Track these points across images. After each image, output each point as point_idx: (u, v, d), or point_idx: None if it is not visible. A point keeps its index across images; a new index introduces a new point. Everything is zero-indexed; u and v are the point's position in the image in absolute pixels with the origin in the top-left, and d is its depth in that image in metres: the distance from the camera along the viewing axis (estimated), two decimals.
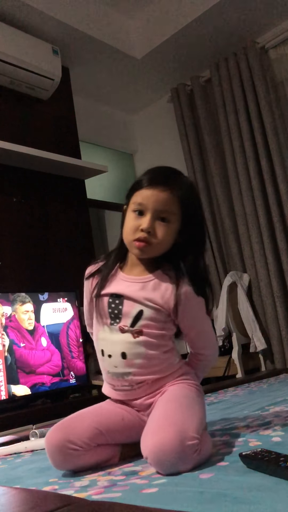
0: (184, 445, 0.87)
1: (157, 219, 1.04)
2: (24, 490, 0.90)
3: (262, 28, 3.16)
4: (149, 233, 1.03)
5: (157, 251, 1.07)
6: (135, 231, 1.05)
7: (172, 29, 3.08)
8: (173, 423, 0.92)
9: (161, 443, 0.88)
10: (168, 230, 1.05)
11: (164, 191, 1.04)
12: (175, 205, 1.04)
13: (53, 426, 1.03)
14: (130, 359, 1.07)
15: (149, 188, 1.04)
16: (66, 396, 2.35)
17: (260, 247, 3.04)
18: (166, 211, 1.04)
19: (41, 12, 2.70)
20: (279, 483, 0.71)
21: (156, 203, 1.03)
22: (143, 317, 1.06)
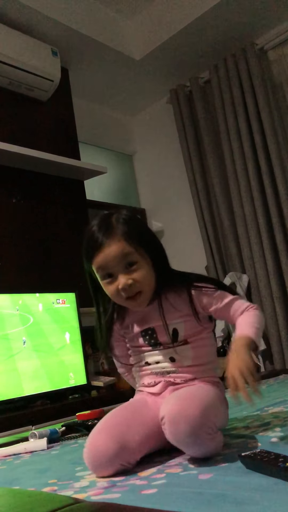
0: (204, 422, 0.90)
1: (126, 269, 1.05)
2: (24, 491, 0.90)
3: (261, 29, 3.16)
4: (130, 286, 1.04)
5: (149, 290, 1.08)
6: (118, 293, 1.06)
7: (171, 31, 3.09)
8: (200, 399, 0.95)
9: (183, 408, 0.91)
10: (142, 271, 1.05)
11: (110, 245, 1.04)
12: (127, 246, 1.04)
13: (100, 429, 0.99)
14: (179, 361, 1.11)
15: (98, 252, 1.05)
16: (66, 397, 2.34)
17: (259, 248, 3.05)
18: (125, 257, 1.04)
19: (41, 13, 2.70)
20: (278, 483, 0.71)
21: (113, 260, 1.04)
22: (180, 333, 1.11)
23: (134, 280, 1.04)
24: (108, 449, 0.93)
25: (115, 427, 0.99)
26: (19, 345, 2.25)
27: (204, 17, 2.95)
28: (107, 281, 1.07)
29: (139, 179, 4.03)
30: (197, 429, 0.89)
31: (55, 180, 2.95)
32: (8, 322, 2.24)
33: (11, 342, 2.23)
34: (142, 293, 1.06)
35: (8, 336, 2.22)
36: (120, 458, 0.93)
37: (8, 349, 2.21)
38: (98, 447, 0.95)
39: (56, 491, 0.88)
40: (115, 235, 1.05)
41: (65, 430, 1.55)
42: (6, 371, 2.17)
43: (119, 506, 0.71)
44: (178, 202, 3.69)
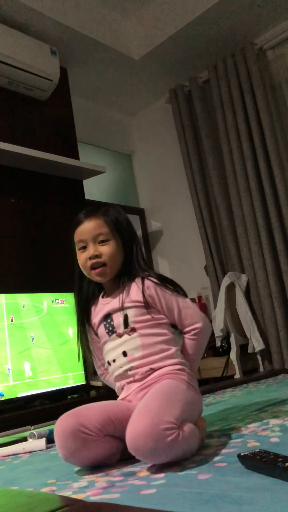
0: (157, 428, 0.90)
1: (98, 244, 1.20)
2: (22, 491, 0.90)
3: (260, 29, 3.16)
4: (96, 257, 1.19)
5: (113, 268, 1.21)
6: (86, 262, 1.20)
7: (170, 30, 3.09)
8: (148, 410, 0.96)
9: (135, 430, 0.93)
10: (111, 247, 1.20)
11: (90, 220, 1.21)
12: (105, 226, 1.20)
13: (63, 415, 1.06)
14: (130, 355, 1.17)
15: (79, 225, 1.22)
16: (64, 397, 2.34)
17: (258, 248, 3.05)
18: (100, 234, 1.20)
19: (40, 13, 2.70)
20: (277, 483, 0.71)
21: (89, 233, 1.20)
22: (129, 318, 1.19)
23: (101, 252, 1.19)
24: (67, 423, 1.01)
25: (75, 410, 1.08)
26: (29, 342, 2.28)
27: (203, 17, 2.95)
28: (81, 251, 1.22)
29: (138, 179, 4.03)
30: (156, 441, 0.89)
31: (54, 180, 2.95)
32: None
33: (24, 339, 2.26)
34: (106, 266, 1.19)
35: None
36: (79, 427, 1.00)
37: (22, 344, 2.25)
38: (58, 425, 1.03)
39: (54, 491, 0.88)
40: (96, 214, 1.22)
41: None
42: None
43: (118, 506, 0.71)
44: (177, 202, 3.69)
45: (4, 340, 2.22)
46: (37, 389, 2.27)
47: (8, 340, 2.23)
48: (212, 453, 0.98)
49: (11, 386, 2.19)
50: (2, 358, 2.19)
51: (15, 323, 2.29)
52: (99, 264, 1.19)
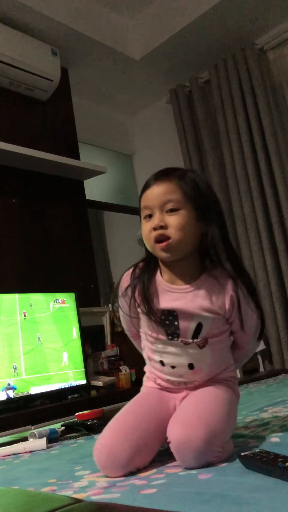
0: (210, 449, 0.89)
1: (165, 213, 0.99)
2: (23, 491, 0.90)
3: (261, 29, 3.16)
4: (162, 228, 0.98)
5: (182, 245, 0.99)
6: (150, 233, 1.00)
7: (171, 31, 3.09)
8: (205, 422, 0.91)
9: (188, 439, 0.89)
10: (180, 218, 0.98)
11: (160, 184, 1.00)
12: (177, 192, 0.99)
13: (111, 433, 0.97)
14: (198, 369, 1.04)
15: (146, 189, 1.02)
16: (65, 396, 2.35)
17: (259, 248, 3.05)
18: (169, 200, 0.98)
19: (40, 13, 2.70)
20: (277, 483, 0.71)
21: (156, 198, 0.99)
22: (203, 329, 1.02)
23: (167, 224, 0.98)
24: (123, 453, 0.92)
25: (131, 430, 0.97)
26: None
27: (204, 17, 2.95)
28: (146, 220, 1.01)
29: (139, 179, 4.02)
30: (203, 456, 0.89)
31: (54, 180, 2.95)
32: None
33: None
34: (171, 241, 0.98)
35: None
36: (134, 464, 0.93)
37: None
38: (113, 450, 0.93)
39: (55, 491, 0.88)
40: (169, 177, 1.01)
41: (64, 430, 1.55)
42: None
43: (118, 506, 0.71)
44: None
45: (17, 335, 2.24)
46: (49, 383, 2.30)
47: (21, 335, 2.26)
48: None
49: (23, 379, 2.21)
50: (15, 352, 2.21)
51: (28, 318, 2.33)
52: (164, 237, 0.98)
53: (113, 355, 2.67)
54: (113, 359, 2.65)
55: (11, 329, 2.23)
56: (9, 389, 2.14)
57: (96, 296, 2.96)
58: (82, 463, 1.09)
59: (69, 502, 0.73)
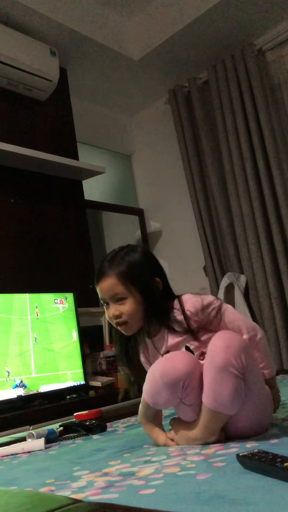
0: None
1: (116, 302, 1.21)
2: (21, 491, 0.90)
3: (259, 30, 3.17)
4: (117, 317, 1.21)
5: (136, 322, 1.22)
6: (111, 319, 1.24)
7: (169, 31, 3.09)
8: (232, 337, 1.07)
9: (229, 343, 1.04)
10: (128, 305, 1.20)
11: (103, 281, 1.22)
12: (119, 285, 1.20)
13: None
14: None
15: (98, 284, 1.24)
16: (63, 397, 2.34)
17: (257, 248, 3.05)
18: (116, 294, 1.21)
19: (39, 13, 2.70)
20: (275, 484, 0.71)
21: (105, 294, 1.23)
22: (192, 348, 1.19)
23: (121, 312, 1.21)
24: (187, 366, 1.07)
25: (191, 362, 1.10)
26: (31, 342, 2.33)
27: (202, 17, 2.95)
28: (105, 307, 1.26)
29: (138, 179, 4.03)
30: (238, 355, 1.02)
31: (53, 180, 2.95)
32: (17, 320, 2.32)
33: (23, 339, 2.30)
34: (128, 324, 1.22)
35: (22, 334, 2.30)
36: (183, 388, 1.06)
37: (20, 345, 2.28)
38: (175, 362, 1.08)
39: (53, 491, 0.87)
40: (112, 271, 1.21)
41: (62, 430, 1.55)
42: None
43: (116, 506, 0.71)
44: (176, 203, 3.69)
45: (28, 333, 2.29)
46: (59, 382, 2.34)
47: (32, 334, 2.31)
48: (211, 453, 0.98)
49: (33, 378, 2.24)
50: (26, 351, 2.25)
51: (40, 318, 2.38)
52: (121, 322, 1.22)
53: (111, 355, 2.67)
54: (112, 360, 2.65)
55: (22, 328, 2.28)
56: (20, 386, 2.18)
57: (94, 296, 2.95)
58: (80, 464, 1.09)
59: (67, 503, 0.73)
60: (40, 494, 0.85)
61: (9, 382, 2.15)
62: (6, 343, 2.20)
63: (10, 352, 2.20)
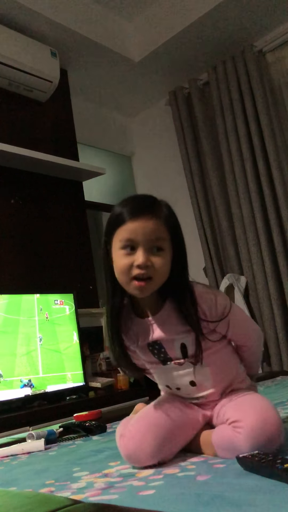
0: (280, 427, 0.90)
1: (150, 251, 0.95)
2: (21, 492, 0.90)
3: (260, 31, 3.17)
4: (147, 268, 0.94)
5: (158, 284, 0.98)
6: (130, 269, 0.95)
7: (170, 32, 3.09)
8: (270, 407, 0.94)
9: (266, 418, 0.90)
10: (165, 260, 0.96)
11: (150, 219, 0.96)
12: (165, 231, 0.97)
13: (119, 435, 1.01)
14: (200, 384, 1.05)
15: (134, 220, 0.96)
16: (63, 398, 2.34)
17: (257, 250, 3.05)
18: (159, 239, 0.96)
19: (40, 14, 2.71)
20: (275, 485, 0.71)
21: (146, 234, 0.95)
22: (189, 347, 1.03)
23: (153, 263, 0.95)
24: (151, 443, 0.96)
25: (158, 422, 1.00)
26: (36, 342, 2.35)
27: (203, 19, 2.95)
28: (125, 252, 0.95)
29: (138, 181, 4.03)
30: (277, 439, 0.89)
31: (53, 181, 2.95)
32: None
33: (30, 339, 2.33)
34: (152, 281, 0.96)
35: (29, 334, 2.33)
36: (160, 455, 0.97)
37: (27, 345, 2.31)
38: (141, 441, 0.97)
39: (53, 492, 0.88)
40: (158, 213, 0.98)
41: (62, 431, 1.55)
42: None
43: (116, 507, 0.71)
44: (176, 204, 3.64)
45: (35, 334, 2.33)
46: (64, 383, 2.37)
47: (39, 335, 2.34)
48: (211, 454, 0.98)
49: (40, 378, 2.27)
50: (33, 351, 2.29)
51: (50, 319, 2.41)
52: (145, 276, 0.95)
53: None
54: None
55: (30, 329, 2.31)
56: (28, 386, 2.21)
57: (94, 297, 2.96)
58: (80, 464, 1.09)
59: (67, 503, 0.73)
60: (40, 495, 0.85)
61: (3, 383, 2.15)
62: (14, 343, 2.23)
63: (17, 352, 2.23)
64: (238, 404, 0.98)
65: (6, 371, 2.17)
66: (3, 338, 2.21)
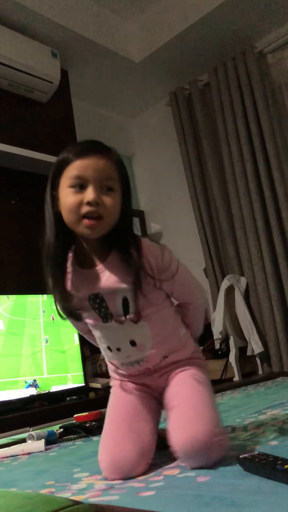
0: (213, 441, 0.89)
1: (101, 189, 0.94)
2: (21, 493, 0.90)
3: (260, 32, 3.17)
4: (97, 205, 0.93)
5: (108, 225, 0.96)
6: (79, 207, 0.93)
7: (171, 33, 3.09)
8: (202, 418, 0.92)
9: (193, 438, 0.89)
10: (115, 199, 0.95)
11: (102, 158, 0.94)
12: (115, 171, 0.96)
13: (100, 451, 0.98)
14: (140, 344, 1.03)
15: (84, 158, 0.94)
16: (63, 398, 2.34)
17: (258, 251, 3.05)
18: (109, 178, 0.95)
19: (41, 15, 2.71)
20: (276, 486, 0.71)
21: (97, 172, 0.93)
22: (131, 303, 0.99)
23: (104, 202, 0.94)
24: (130, 460, 0.93)
25: (129, 435, 0.98)
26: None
27: (203, 20, 2.96)
28: (74, 190, 0.94)
29: (138, 181, 4.03)
30: (210, 453, 0.89)
31: None
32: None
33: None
34: (103, 220, 0.94)
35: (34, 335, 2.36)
36: (141, 466, 0.94)
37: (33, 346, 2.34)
38: (120, 462, 0.93)
39: (53, 493, 0.88)
40: (109, 155, 0.97)
41: (62, 431, 1.55)
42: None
43: (117, 508, 0.71)
44: (177, 204, 3.69)
45: (40, 336, 2.36)
46: (65, 384, 2.39)
47: (44, 336, 2.38)
48: None
49: (45, 378, 2.30)
50: (38, 352, 2.32)
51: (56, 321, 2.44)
52: (96, 214, 0.93)
53: None
54: None
55: (35, 330, 2.34)
56: (33, 386, 2.24)
57: None
58: (80, 465, 1.09)
59: (67, 504, 0.72)
60: (40, 496, 0.85)
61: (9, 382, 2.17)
62: (19, 344, 2.26)
63: (23, 353, 2.26)
64: (173, 414, 0.98)
65: (12, 371, 2.19)
66: (10, 339, 2.23)
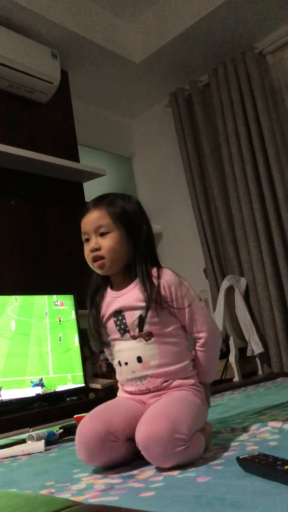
0: (173, 437, 0.92)
1: (99, 236, 1.15)
2: (21, 493, 0.90)
3: (260, 33, 3.18)
4: (96, 250, 1.15)
5: (114, 261, 1.16)
6: (89, 254, 1.18)
7: (170, 34, 3.10)
8: (166, 416, 0.98)
9: (152, 431, 0.93)
10: (111, 240, 1.14)
11: (92, 212, 1.16)
12: (106, 217, 1.14)
13: (88, 417, 1.06)
14: (146, 362, 1.12)
15: (84, 216, 1.18)
16: (63, 399, 2.34)
17: (258, 251, 3.05)
18: (100, 226, 1.14)
19: (41, 15, 2.71)
20: (276, 487, 0.71)
21: (91, 225, 1.16)
22: (146, 320, 1.12)
23: (101, 246, 1.15)
24: (96, 429, 1.01)
25: (99, 414, 1.08)
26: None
27: (203, 21, 2.96)
28: (85, 243, 1.19)
29: (138, 182, 4.03)
30: (169, 448, 0.91)
31: (54, 182, 2.95)
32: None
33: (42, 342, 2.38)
34: (105, 259, 1.15)
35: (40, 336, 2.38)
36: (109, 435, 1.00)
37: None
38: (86, 431, 1.02)
39: (53, 494, 0.87)
40: (100, 205, 1.17)
41: (62, 432, 1.55)
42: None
43: (116, 509, 0.71)
44: (177, 205, 3.69)
45: (46, 336, 2.39)
46: (65, 384, 2.40)
47: (49, 336, 2.41)
48: (211, 456, 0.98)
49: (50, 378, 2.32)
50: (44, 353, 2.35)
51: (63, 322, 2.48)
52: (98, 257, 1.15)
53: None
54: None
55: (40, 330, 2.36)
56: (39, 385, 2.26)
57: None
58: (80, 466, 1.08)
59: (67, 505, 0.72)
60: (40, 496, 0.85)
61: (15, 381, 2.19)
62: (26, 344, 2.29)
63: (29, 353, 2.29)
64: (145, 413, 1.03)
65: (19, 370, 2.22)
66: (17, 339, 2.26)
